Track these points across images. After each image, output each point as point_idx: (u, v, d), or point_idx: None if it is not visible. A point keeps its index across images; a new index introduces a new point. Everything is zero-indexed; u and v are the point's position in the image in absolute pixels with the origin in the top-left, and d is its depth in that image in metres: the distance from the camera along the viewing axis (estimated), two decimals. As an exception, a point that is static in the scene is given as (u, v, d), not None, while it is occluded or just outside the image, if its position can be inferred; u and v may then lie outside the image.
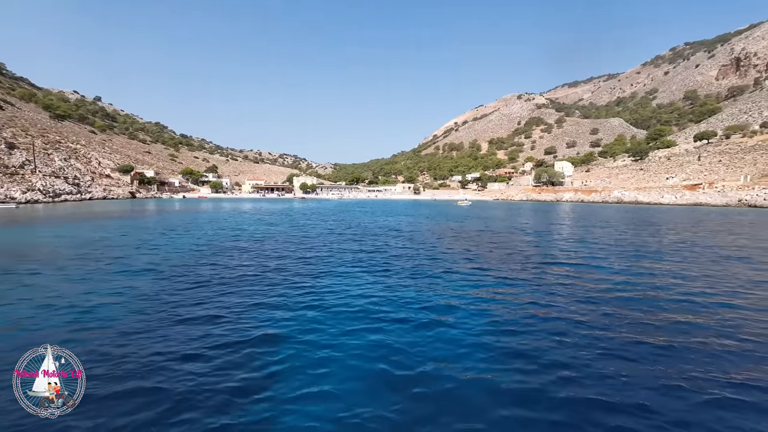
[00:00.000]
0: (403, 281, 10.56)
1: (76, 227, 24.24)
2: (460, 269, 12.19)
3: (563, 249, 16.75)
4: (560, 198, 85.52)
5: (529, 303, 8.57)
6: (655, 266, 12.83)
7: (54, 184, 52.81)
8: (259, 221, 29.59)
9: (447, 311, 7.99)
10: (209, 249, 15.83)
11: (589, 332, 6.77)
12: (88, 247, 15.86)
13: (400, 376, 5.18)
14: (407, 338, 6.51)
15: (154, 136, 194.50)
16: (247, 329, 6.69)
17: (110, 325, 6.76)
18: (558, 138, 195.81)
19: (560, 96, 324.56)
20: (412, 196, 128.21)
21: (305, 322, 7.20)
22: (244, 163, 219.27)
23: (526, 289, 9.71)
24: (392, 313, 7.78)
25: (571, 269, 12.42)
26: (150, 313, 7.52)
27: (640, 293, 9.43)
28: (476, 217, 37.36)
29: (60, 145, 74.95)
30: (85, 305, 7.92)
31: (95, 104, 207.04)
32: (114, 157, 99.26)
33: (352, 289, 9.61)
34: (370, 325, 7.09)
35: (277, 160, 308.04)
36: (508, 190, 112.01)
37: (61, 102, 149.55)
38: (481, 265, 12.83)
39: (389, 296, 9.04)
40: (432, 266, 12.57)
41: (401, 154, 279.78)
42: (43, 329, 6.54)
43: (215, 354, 5.65)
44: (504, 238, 20.60)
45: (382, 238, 19.71)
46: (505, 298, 8.96)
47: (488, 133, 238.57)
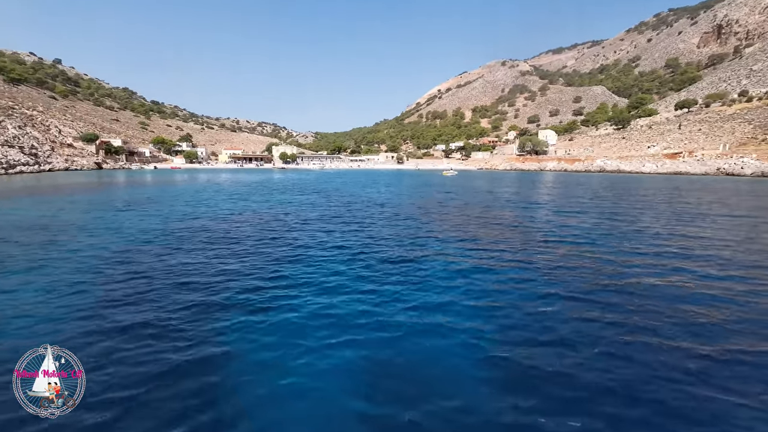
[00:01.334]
0: (387, 274, 9.30)
1: (21, 203, 21.99)
2: (452, 252, 11.01)
3: (558, 224, 15.78)
4: (544, 167, 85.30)
5: (532, 285, 7.51)
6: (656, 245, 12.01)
7: (8, 154, 48.59)
8: (232, 196, 27.68)
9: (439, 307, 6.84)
10: (161, 237, 14.19)
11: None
12: (41, 228, 14.00)
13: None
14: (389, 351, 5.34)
15: (122, 103, 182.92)
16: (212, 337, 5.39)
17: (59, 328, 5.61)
18: (541, 106, 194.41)
19: (544, 63, 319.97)
20: (396, 165, 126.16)
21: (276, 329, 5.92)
22: (221, 131, 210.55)
23: (532, 275, 8.64)
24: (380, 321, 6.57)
25: (572, 247, 11.46)
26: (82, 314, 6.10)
27: (683, 287, 8.49)
28: (462, 188, 36.26)
29: (14, 111, 68.96)
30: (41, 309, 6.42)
31: (55, 67, 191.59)
32: (77, 125, 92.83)
33: (328, 281, 8.32)
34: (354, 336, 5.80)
35: (256, 128, 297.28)
36: (492, 160, 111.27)
37: (16, 64, 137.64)
38: (477, 246, 11.71)
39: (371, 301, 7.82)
40: (421, 248, 11.32)
41: (384, 123, 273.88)
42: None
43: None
44: (496, 212, 19.43)
45: (366, 218, 18.07)
46: (514, 288, 7.84)
47: (472, 100, 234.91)
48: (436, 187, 38.56)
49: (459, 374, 4.70)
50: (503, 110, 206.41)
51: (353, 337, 5.47)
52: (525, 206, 21.73)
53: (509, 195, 29.12)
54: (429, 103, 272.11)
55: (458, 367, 4.86)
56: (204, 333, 5.50)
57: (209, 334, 5.48)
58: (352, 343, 5.33)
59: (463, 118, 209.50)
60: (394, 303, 6.76)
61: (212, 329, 5.62)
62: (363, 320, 6.03)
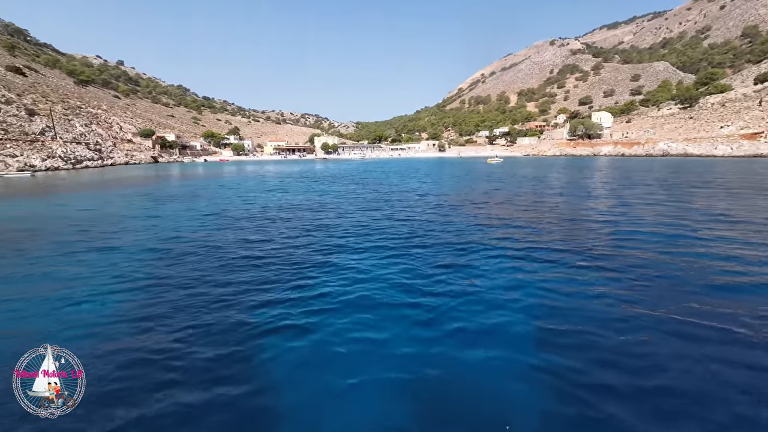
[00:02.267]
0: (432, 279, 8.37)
1: (76, 199, 23.32)
2: (504, 253, 9.88)
3: (629, 218, 13.90)
4: (598, 152, 79.31)
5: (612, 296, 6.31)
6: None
7: (75, 150, 52.81)
8: (274, 189, 27.87)
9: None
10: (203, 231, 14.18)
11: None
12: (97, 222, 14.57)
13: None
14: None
15: (176, 100, 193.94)
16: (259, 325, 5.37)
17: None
18: (594, 86, 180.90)
19: (598, 40, 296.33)
20: (437, 153, 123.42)
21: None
22: (266, 124, 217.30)
23: (609, 287, 7.39)
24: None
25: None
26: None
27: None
28: (509, 176, 34.04)
29: (81, 111, 74.90)
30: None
31: (118, 68, 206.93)
32: (135, 121, 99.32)
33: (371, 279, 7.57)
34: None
35: (299, 120, 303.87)
36: (540, 145, 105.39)
37: (85, 67, 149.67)
38: (533, 245, 10.47)
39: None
40: (469, 252, 10.07)
41: (425, 110, 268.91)
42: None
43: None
44: (551, 204, 17.42)
45: (408, 213, 16.25)
46: (586, 302, 6.68)
47: (517, 83, 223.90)
48: (481, 175, 36.48)
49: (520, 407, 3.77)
50: (552, 92, 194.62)
51: (394, 357, 4.70)
52: (583, 196, 19.67)
53: (562, 184, 26.74)
54: (472, 88, 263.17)
55: (518, 398, 3.92)
56: (235, 344, 5.02)
57: (240, 345, 4.98)
58: (395, 364, 4.56)
59: (508, 103, 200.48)
60: (440, 318, 5.74)
61: (243, 343, 5.09)
62: (406, 338, 5.16)
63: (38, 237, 11.44)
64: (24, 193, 24.72)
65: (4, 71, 78.52)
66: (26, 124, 52.12)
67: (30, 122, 53.73)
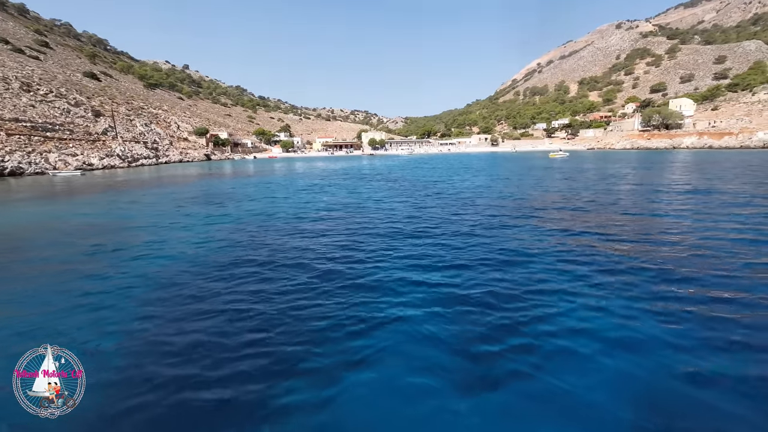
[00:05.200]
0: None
1: (92, 203, 22.89)
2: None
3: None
4: (678, 144, 69.48)
5: None
6: None
7: (133, 149, 55.41)
8: (312, 188, 25.98)
9: None
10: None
11: None
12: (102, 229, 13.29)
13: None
14: None
15: (234, 100, 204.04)
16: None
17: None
18: (669, 72, 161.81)
19: (673, 20, 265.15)
20: (490, 148, 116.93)
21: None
22: (317, 121, 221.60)
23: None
24: None
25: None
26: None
27: None
28: (582, 175, 27.48)
29: (143, 111, 79.49)
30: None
31: (183, 72, 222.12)
32: (193, 120, 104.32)
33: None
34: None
35: (349, 116, 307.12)
36: (606, 137, 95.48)
37: (154, 72, 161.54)
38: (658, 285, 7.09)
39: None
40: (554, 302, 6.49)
41: (476, 104, 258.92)
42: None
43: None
44: (667, 220, 11.50)
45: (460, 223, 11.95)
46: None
47: (578, 72, 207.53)
48: (547, 173, 30.18)
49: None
50: (618, 80, 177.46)
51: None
52: (699, 204, 13.84)
53: (658, 185, 20.40)
54: (527, 79, 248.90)
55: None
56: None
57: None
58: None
59: (568, 93, 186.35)
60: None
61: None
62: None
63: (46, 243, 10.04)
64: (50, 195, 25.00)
65: (81, 77, 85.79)
66: (91, 125, 55.54)
67: (95, 123, 57.27)
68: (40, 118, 46.96)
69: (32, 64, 70.22)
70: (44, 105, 51.79)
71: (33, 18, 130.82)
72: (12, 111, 44.87)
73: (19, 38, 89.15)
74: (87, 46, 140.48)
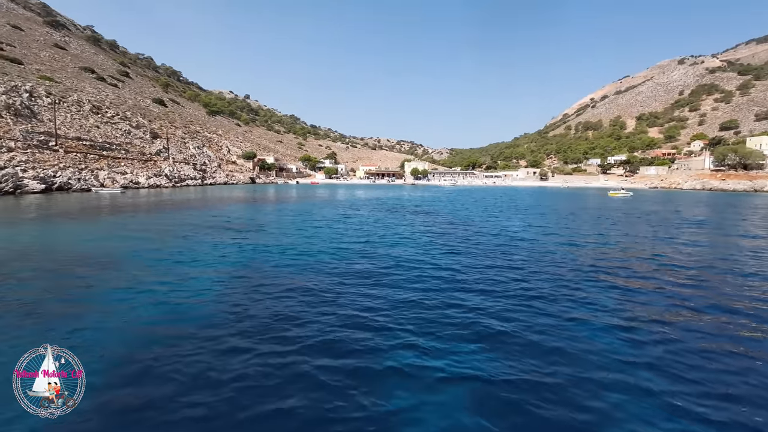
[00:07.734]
0: None
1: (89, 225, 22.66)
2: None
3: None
4: (760, 187, 60.86)
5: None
6: None
7: (181, 169, 58.08)
8: (336, 221, 24.43)
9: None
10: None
11: None
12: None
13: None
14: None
15: (287, 127, 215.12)
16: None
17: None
18: (741, 109, 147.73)
19: (743, 56, 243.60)
20: (538, 182, 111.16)
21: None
22: (363, 149, 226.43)
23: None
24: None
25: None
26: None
27: None
28: (671, 224, 20.42)
29: (198, 135, 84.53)
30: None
31: (244, 101, 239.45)
32: (245, 145, 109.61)
33: None
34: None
35: (395, 146, 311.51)
36: (672, 176, 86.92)
37: (218, 100, 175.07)
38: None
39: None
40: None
41: (524, 137, 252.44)
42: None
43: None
44: None
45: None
46: None
47: (636, 107, 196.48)
48: (617, 217, 23.69)
49: None
50: (682, 116, 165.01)
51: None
52: None
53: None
54: (579, 114, 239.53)
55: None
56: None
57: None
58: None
59: (624, 128, 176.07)
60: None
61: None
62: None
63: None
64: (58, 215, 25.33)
65: (150, 102, 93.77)
66: (147, 145, 59.20)
67: (151, 144, 61.05)
68: (101, 138, 50.60)
69: (108, 90, 77.59)
70: (108, 126, 56.06)
71: (121, 52, 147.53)
72: (78, 131, 48.76)
73: (105, 68, 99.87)
74: (163, 77, 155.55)
